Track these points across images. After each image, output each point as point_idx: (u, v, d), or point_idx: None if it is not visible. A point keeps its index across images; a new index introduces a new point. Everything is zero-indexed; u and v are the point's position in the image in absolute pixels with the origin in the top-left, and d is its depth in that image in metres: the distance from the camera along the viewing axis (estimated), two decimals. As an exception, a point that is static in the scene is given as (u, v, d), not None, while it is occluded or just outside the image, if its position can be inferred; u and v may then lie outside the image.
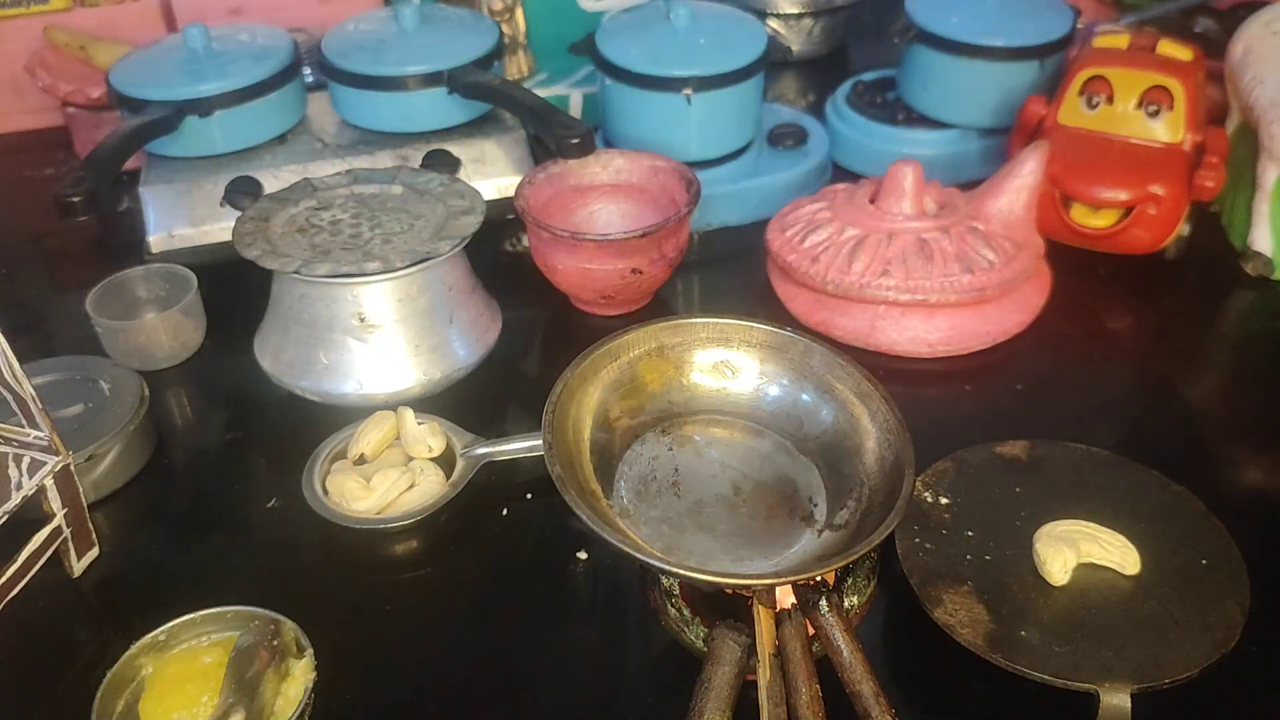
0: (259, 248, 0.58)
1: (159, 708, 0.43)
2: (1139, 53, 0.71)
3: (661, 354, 0.53)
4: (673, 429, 0.52)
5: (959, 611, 0.45)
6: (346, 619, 0.49)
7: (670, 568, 0.43)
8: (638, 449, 0.51)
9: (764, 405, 0.53)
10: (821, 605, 0.42)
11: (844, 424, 0.51)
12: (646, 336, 0.52)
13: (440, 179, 0.64)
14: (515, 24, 0.93)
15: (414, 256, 0.57)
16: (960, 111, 0.80)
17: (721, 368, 0.53)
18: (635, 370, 0.52)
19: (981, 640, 0.44)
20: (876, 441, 0.49)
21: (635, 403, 0.52)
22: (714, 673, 0.40)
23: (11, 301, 0.74)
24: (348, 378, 0.59)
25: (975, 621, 0.45)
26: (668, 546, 0.47)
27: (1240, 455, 0.43)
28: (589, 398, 0.50)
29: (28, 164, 0.90)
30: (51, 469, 0.49)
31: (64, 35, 0.87)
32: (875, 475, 0.48)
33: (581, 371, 0.50)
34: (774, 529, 0.48)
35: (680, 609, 0.45)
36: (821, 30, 1.01)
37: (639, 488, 0.49)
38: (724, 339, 0.53)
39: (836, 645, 0.41)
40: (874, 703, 0.40)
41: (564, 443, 0.47)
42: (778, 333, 0.53)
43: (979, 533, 0.49)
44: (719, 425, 0.53)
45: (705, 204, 0.70)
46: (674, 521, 0.48)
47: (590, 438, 0.50)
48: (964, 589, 0.46)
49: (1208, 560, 0.46)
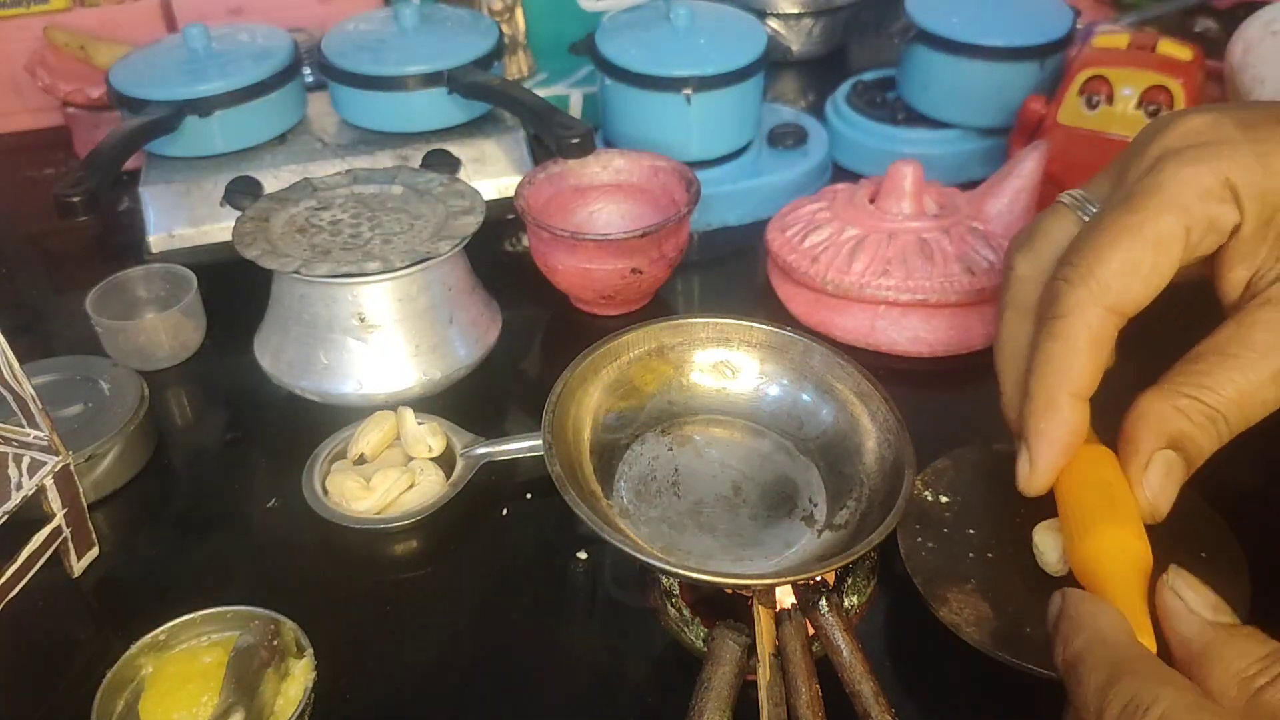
0: (259, 247, 0.58)
1: (159, 708, 0.43)
2: (1139, 52, 0.71)
3: (661, 354, 0.53)
4: (673, 429, 0.52)
5: (964, 610, 0.45)
6: (346, 619, 0.49)
7: (670, 568, 0.43)
8: (638, 449, 0.51)
9: (764, 405, 0.53)
10: (821, 605, 0.42)
11: (844, 424, 0.51)
12: (646, 337, 0.52)
13: (441, 179, 0.65)
14: (515, 24, 0.93)
15: (414, 256, 0.57)
16: (960, 111, 0.80)
17: (721, 368, 0.53)
18: (635, 370, 0.52)
19: (987, 638, 0.44)
20: (876, 441, 0.49)
21: (635, 402, 0.52)
22: (714, 673, 0.40)
23: (11, 301, 0.74)
24: (347, 377, 0.59)
25: (980, 619, 0.45)
26: (668, 546, 0.47)
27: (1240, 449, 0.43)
28: (589, 398, 0.50)
29: (28, 164, 0.90)
30: (51, 469, 0.49)
31: (64, 35, 0.87)
32: (875, 475, 0.48)
33: (581, 371, 0.50)
34: (774, 529, 0.48)
35: (680, 609, 0.45)
36: (821, 30, 1.01)
37: (639, 488, 0.49)
38: (724, 339, 0.53)
39: (836, 645, 0.41)
40: (874, 702, 0.40)
41: (564, 443, 0.47)
42: (778, 332, 0.53)
43: (980, 531, 0.49)
44: (719, 425, 0.53)
45: (705, 204, 0.70)
46: (674, 521, 0.48)
47: (590, 438, 0.50)
48: (967, 587, 0.46)
49: (1207, 554, 0.46)
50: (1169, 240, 0.43)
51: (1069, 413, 0.44)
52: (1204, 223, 0.43)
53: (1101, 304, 0.43)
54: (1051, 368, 0.44)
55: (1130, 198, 0.44)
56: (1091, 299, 0.43)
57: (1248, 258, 0.44)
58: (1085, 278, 0.43)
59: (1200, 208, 0.43)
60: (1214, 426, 0.43)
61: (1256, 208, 0.43)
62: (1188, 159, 0.43)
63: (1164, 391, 0.43)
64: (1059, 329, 0.44)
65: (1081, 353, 0.43)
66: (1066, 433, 0.44)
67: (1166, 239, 0.43)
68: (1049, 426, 0.44)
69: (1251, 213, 0.43)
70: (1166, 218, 0.43)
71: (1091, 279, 0.43)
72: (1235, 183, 0.43)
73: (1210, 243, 0.44)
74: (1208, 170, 0.43)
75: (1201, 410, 0.42)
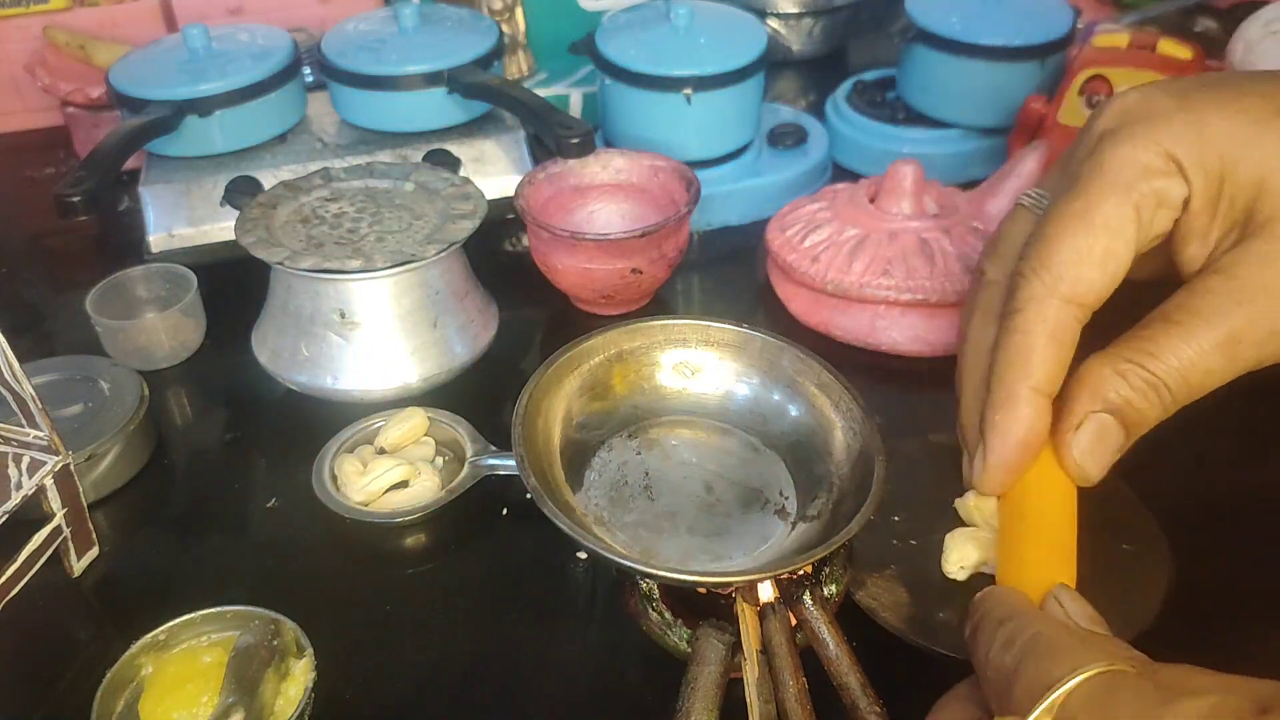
0: (255, 235, 0.58)
1: (159, 707, 0.43)
2: (1139, 52, 0.71)
3: (621, 359, 0.53)
4: (639, 433, 0.53)
5: (882, 595, 0.46)
6: (346, 619, 0.49)
7: (661, 572, 0.43)
8: (605, 455, 0.51)
9: (727, 403, 0.53)
10: (806, 599, 0.42)
11: (808, 416, 0.51)
12: (606, 343, 0.52)
13: (453, 180, 0.64)
14: (515, 23, 0.93)
15: (398, 258, 0.57)
16: (960, 111, 0.80)
17: (681, 368, 0.54)
18: (598, 376, 0.52)
19: (902, 623, 0.44)
20: (843, 431, 0.50)
21: (601, 408, 0.52)
22: (700, 672, 0.40)
23: (11, 301, 0.74)
24: (325, 372, 0.59)
25: (897, 604, 0.45)
26: (646, 550, 0.47)
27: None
28: (555, 408, 0.50)
29: (28, 164, 0.90)
30: (51, 469, 0.49)
31: (64, 35, 0.87)
32: (844, 464, 0.49)
33: (544, 382, 0.50)
34: (749, 524, 0.48)
35: (661, 612, 0.45)
36: (821, 30, 1.01)
37: (611, 494, 0.50)
38: (682, 340, 0.54)
39: (822, 639, 0.42)
40: (861, 694, 0.41)
41: (535, 455, 0.47)
42: (735, 330, 0.53)
43: (905, 519, 0.49)
44: (684, 426, 0.53)
45: (705, 204, 0.70)
46: (650, 525, 0.48)
47: (560, 447, 0.50)
48: (888, 573, 0.47)
49: (1130, 545, 0.46)
50: (1119, 222, 0.42)
51: (1027, 408, 0.42)
52: (1152, 199, 0.42)
53: (1057, 295, 0.42)
54: (1010, 362, 0.43)
55: (1075, 183, 0.43)
56: (1046, 291, 0.42)
57: (1200, 232, 0.43)
58: (1038, 269, 0.42)
59: (1145, 184, 0.42)
60: (1155, 394, 0.42)
61: (1201, 176, 0.42)
62: (1124, 137, 0.43)
63: (1106, 355, 0.43)
64: (1017, 323, 0.43)
65: (1039, 346, 0.42)
66: (1024, 429, 0.42)
67: (1116, 221, 0.42)
68: (1004, 420, 0.42)
69: (1198, 182, 0.42)
70: (1111, 200, 0.42)
71: (1044, 270, 0.42)
72: (1175, 154, 0.42)
73: (1164, 218, 0.43)
74: (1146, 145, 0.42)
75: (1142, 376, 0.41)
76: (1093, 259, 0.42)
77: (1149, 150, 0.42)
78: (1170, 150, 0.42)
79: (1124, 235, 0.42)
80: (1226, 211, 0.42)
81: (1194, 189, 0.42)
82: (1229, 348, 0.41)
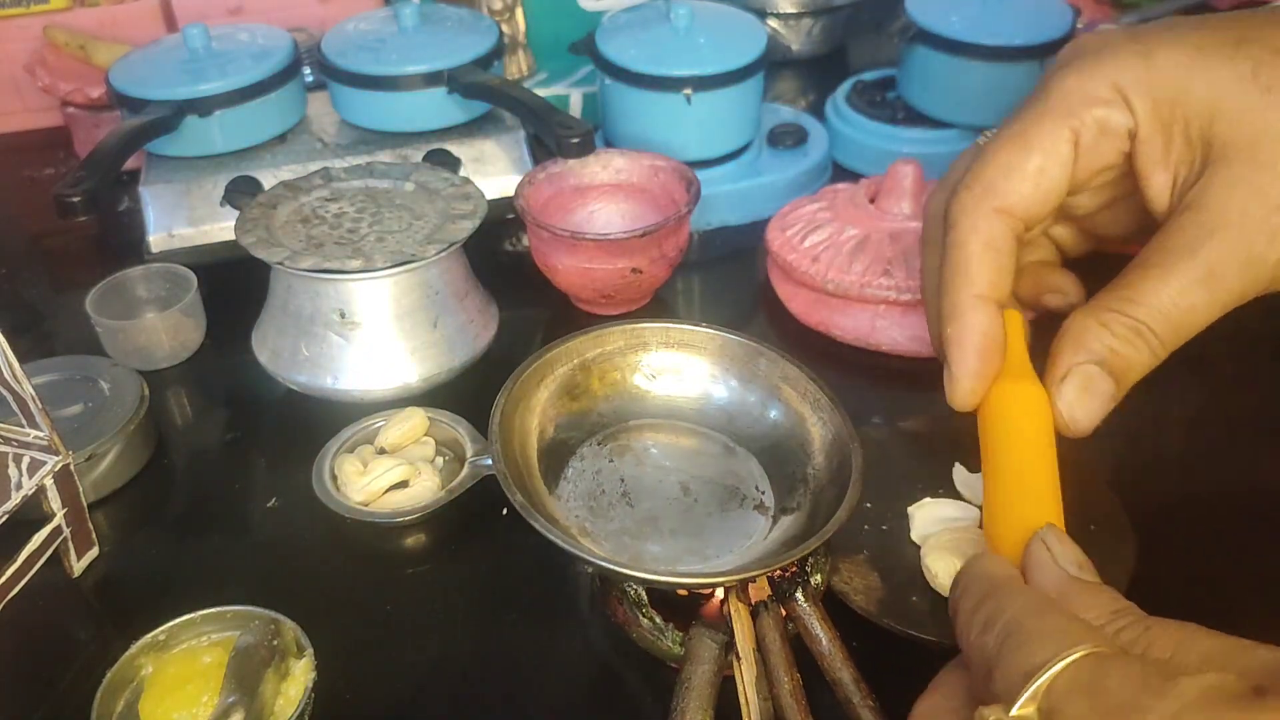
0: (255, 235, 0.59)
1: (159, 708, 0.43)
2: (1139, 52, 0.71)
3: (585, 367, 0.53)
4: (609, 440, 0.53)
5: (854, 579, 0.46)
6: (346, 619, 0.49)
7: (659, 578, 0.42)
8: (578, 464, 0.51)
9: (693, 403, 0.54)
10: (799, 596, 0.42)
11: (776, 412, 0.52)
12: (568, 352, 0.52)
13: (454, 180, 0.64)
14: (515, 23, 0.93)
15: (397, 258, 0.57)
16: (960, 111, 0.80)
17: (645, 372, 0.54)
18: (563, 386, 0.52)
19: (874, 606, 0.45)
20: (812, 423, 0.50)
21: (570, 417, 0.52)
22: (694, 672, 0.40)
23: (11, 301, 0.74)
24: (325, 372, 0.59)
25: (869, 588, 0.46)
26: (633, 557, 0.47)
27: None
28: (528, 420, 0.50)
29: (28, 164, 0.90)
30: (51, 469, 0.49)
31: (64, 35, 0.87)
32: (818, 454, 0.49)
33: (513, 395, 0.50)
34: (730, 522, 0.49)
35: (652, 618, 0.45)
36: (821, 30, 1.01)
37: (590, 504, 0.50)
38: (641, 344, 0.54)
39: (815, 634, 0.42)
40: (854, 689, 0.41)
41: (515, 468, 0.47)
42: (694, 330, 0.54)
43: (876, 505, 0.50)
44: (653, 429, 0.53)
45: (705, 204, 0.70)
46: (633, 531, 0.48)
47: (536, 459, 0.50)
48: (859, 557, 0.47)
49: (1095, 526, 0.46)
50: (1052, 143, 0.43)
51: (974, 315, 0.44)
52: (1093, 126, 0.43)
53: (988, 205, 0.44)
54: (951, 274, 0.44)
55: (1019, 111, 0.45)
56: (975, 202, 0.44)
57: (1159, 161, 0.43)
58: (970, 184, 0.44)
59: (1085, 111, 0.43)
60: (1141, 339, 0.42)
61: (1148, 106, 0.43)
62: (1073, 69, 0.44)
63: (1089, 308, 0.43)
64: (953, 237, 0.45)
65: (976, 254, 0.44)
66: (977, 335, 0.44)
67: (1049, 142, 0.43)
68: (956, 330, 0.44)
69: (1143, 111, 0.43)
70: (1048, 122, 0.43)
71: (976, 184, 0.44)
72: (1120, 83, 0.43)
73: (1108, 147, 0.44)
74: (1092, 75, 0.43)
75: (1125, 324, 0.42)
76: (1024, 173, 0.43)
77: (1094, 80, 0.43)
78: (1116, 80, 0.43)
79: (1057, 155, 0.43)
80: (1182, 139, 0.43)
81: (1139, 117, 0.43)
82: (1209, 281, 0.41)
